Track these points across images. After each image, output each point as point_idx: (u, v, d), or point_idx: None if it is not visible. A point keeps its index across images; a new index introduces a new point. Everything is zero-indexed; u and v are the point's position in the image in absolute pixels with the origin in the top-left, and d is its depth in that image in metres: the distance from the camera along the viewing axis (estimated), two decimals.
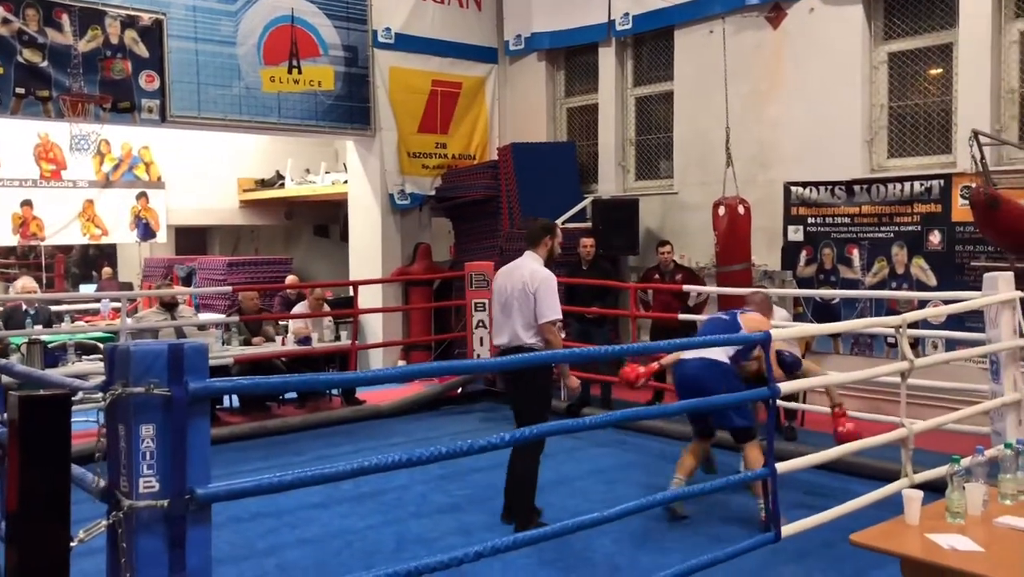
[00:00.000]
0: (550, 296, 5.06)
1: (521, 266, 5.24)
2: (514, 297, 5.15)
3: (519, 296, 5.12)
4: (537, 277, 5.10)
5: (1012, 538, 2.91)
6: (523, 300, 5.10)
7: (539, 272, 5.15)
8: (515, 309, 5.14)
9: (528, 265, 5.22)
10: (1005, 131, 7.47)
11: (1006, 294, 5.04)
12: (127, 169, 13.67)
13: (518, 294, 5.13)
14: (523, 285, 5.10)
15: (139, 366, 2.20)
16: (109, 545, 2.26)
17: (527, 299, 5.07)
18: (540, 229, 5.34)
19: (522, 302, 5.10)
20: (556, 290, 5.13)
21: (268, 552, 4.90)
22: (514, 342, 5.16)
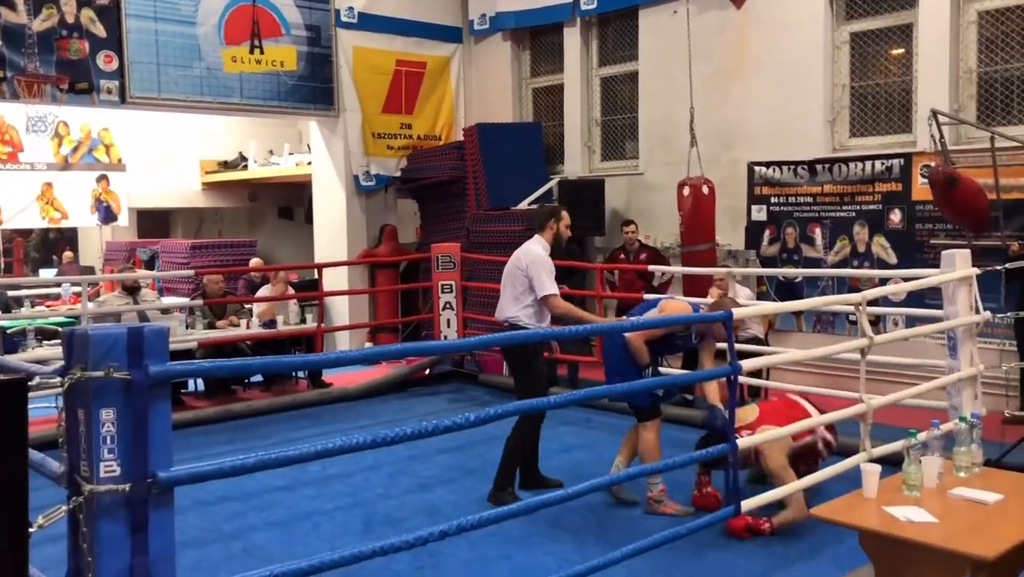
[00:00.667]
0: (541, 273, 5.28)
1: (522, 247, 5.49)
2: (508, 274, 5.45)
3: (511, 273, 5.42)
4: (529, 255, 5.36)
5: (965, 509, 2.98)
6: (513, 277, 5.38)
7: (532, 251, 5.39)
8: (506, 285, 5.45)
9: (527, 246, 5.46)
10: (963, 111, 7.58)
11: (963, 271, 5.13)
12: (87, 151, 13.44)
13: (511, 271, 5.42)
14: (516, 263, 5.40)
15: (98, 350, 2.18)
16: (70, 531, 2.25)
17: (517, 276, 5.35)
18: (545, 213, 5.56)
19: (513, 278, 5.39)
20: (549, 268, 5.34)
21: (235, 535, 4.89)
22: (500, 316, 5.50)
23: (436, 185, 10.86)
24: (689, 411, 7.24)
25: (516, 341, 5.05)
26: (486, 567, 4.40)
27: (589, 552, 4.47)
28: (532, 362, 5.39)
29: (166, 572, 2.26)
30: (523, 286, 5.36)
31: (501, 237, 9.82)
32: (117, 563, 2.18)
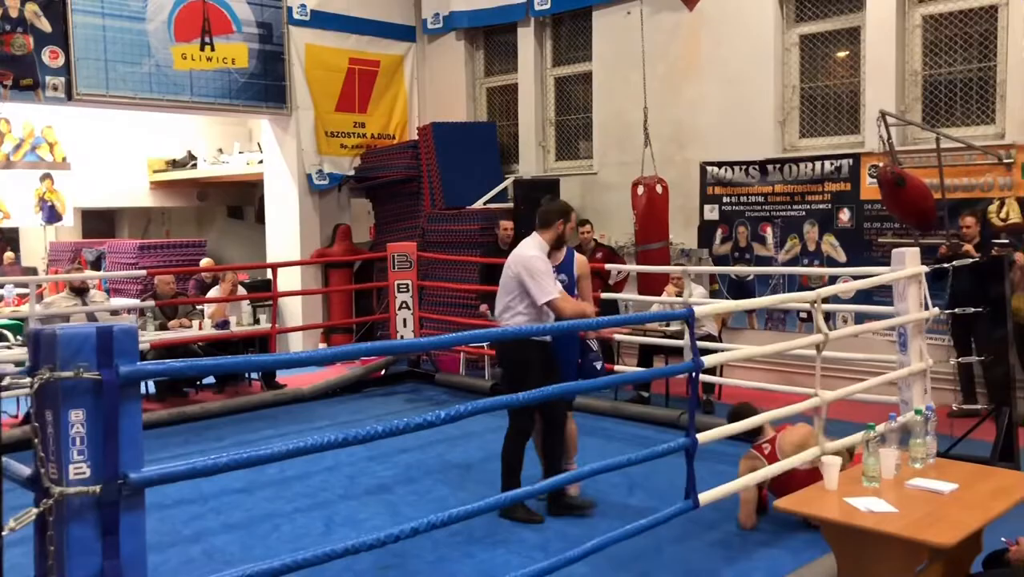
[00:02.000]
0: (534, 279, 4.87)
1: (518, 251, 5.12)
2: (503, 281, 5.10)
3: (507, 280, 5.05)
4: (520, 260, 4.97)
5: (923, 498, 3.07)
6: (510, 285, 5.02)
7: (523, 255, 5.00)
8: (502, 292, 5.09)
9: (522, 248, 5.10)
10: (909, 112, 7.77)
11: (913, 268, 5.26)
12: (29, 149, 13.10)
13: (507, 278, 5.06)
14: (512, 269, 5.01)
15: (67, 349, 2.14)
16: (37, 534, 2.20)
17: (508, 283, 5.03)
18: (555, 212, 5.14)
19: (507, 283, 5.05)
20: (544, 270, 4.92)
21: (194, 539, 4.82)
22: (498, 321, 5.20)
23: (390, 184, 10.83)
24: (645, 408, 7.32)
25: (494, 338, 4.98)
26: (450, 567, 4.40)
27: (552, 548, 4.51)
28: (527, 376, 4.72)
29: (137, 575, 2.23)
30: (513, 293, 4.98)
31: (456, 236, 9.84)
32: (88, 567, 2.15)
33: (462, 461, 6.25)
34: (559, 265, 5.23)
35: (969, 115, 7.58)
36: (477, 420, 6.96)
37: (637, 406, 7.39)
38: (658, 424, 6.98)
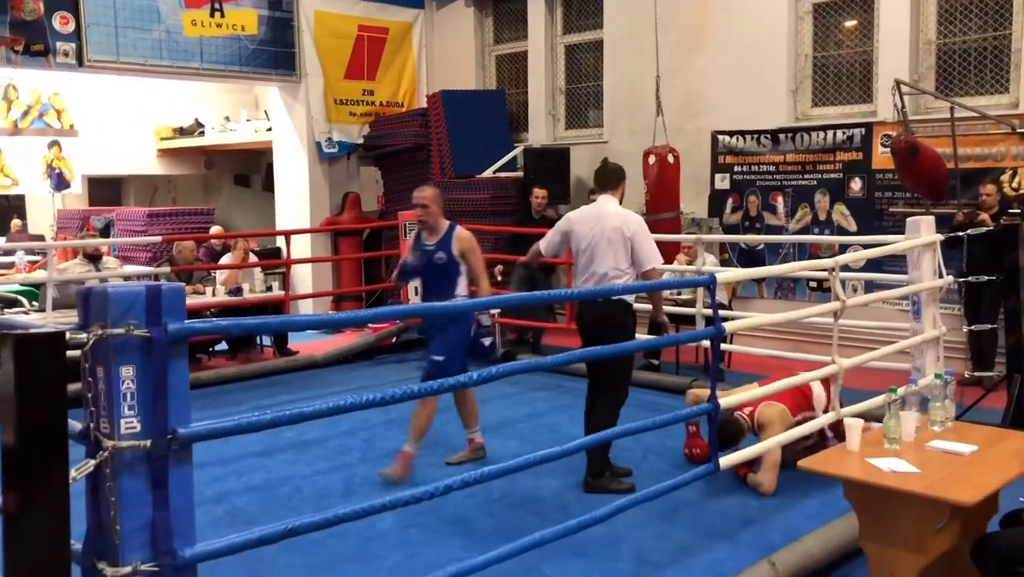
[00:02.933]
0: (649, 241, 4.83)
1: (607, 211, 4.91)
2: (604, 242, 4.84)
3: (611, 241, 4.82)
4: (632, 222, 4.85)
5: (944, 460, 3.13)
6: (616, 245, 4.81)
7: (633, 217, 4.91)
8: (604, 255, 4.84)
9: (617, 209, 4.92)
10: (922, 81, 7.76)
11: (928, 237, 5.30)
12: (37, 116, 13.08)
13: (609, 239, 4.82)
14: (616, 230, 4.81)
15: (117, 308, 2.18)
16: (89, 487, 2.26)
17: (622, 245, 4.81)
18: (616, 172, 5.12)
19: (615, 247, 4.82)
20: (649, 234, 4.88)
21: (217, 499, 4.90)
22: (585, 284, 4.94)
23: (399, 152, 10.82)
24: (655, 375, 7.38)
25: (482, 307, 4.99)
26: (470, 525, 4.48)
27: (570, 510, 4.58)
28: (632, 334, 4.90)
29: (186, 526, 2.29)
30: (620, 253, 4.80)
31: (466, 205, 9.84)
32: (139, 517, 2.20)
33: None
34: (437, 242, 5.14)
35: (983, 84, 7.58)
36: (487, 386, 7.06)
37: (647, 373, 7.44)
38: (668, 391, 7.04)
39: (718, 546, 4.18)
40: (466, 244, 5.22)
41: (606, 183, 5.10)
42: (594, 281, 4.93)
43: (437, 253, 5.16)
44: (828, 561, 3.79)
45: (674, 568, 3.95)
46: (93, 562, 2.22)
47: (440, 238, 5.20)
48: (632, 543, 4.22)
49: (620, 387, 5.01)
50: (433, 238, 5.21)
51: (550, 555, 3.93)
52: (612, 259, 4.84)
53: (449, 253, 5.17)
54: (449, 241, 5.19)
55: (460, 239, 5.20)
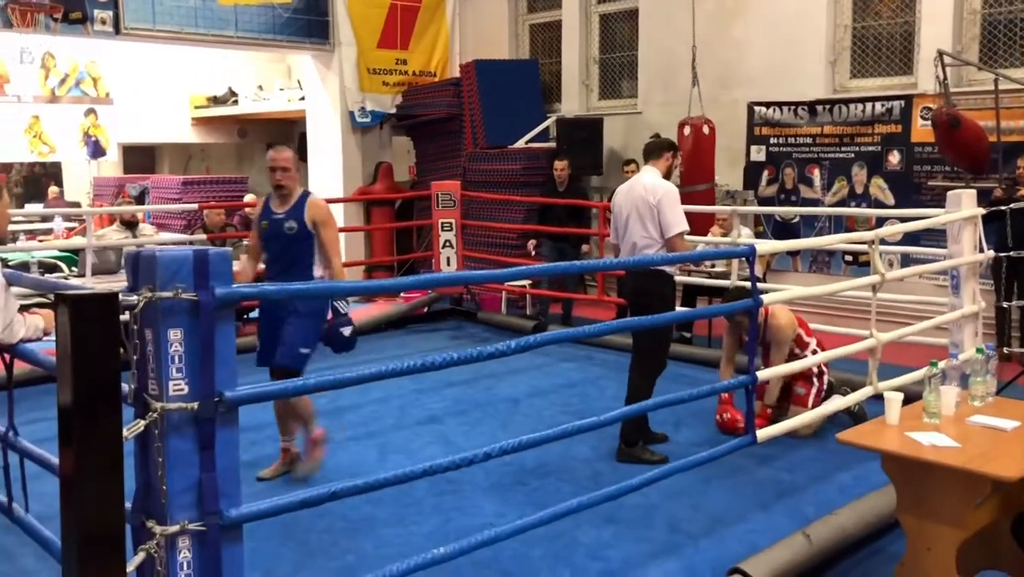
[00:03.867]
0: (673, 209, 4.79)
1: (640, 182, 4.94)
2: (632, 212, 4.87)
3: (638, 210, 4.84)
4: (659, 189, 4.83)
5: (985, 435, 3.10)
6: (643, 214, 4.82)
7: (660, 184, 4.87)
8: (634, 225, 4.86)
9: (648, 179, 4.92)
10: (966, 52, 7.61)
11: (969, 211, 5.22)
12: (74, 84, 13.20)
13: (637, 208, 4.85)
14: (642, 199, 4.83)
15: (165, 272, 2.21)
16: (138, 448, 2.31)
17: (648, 212, 4.81)
18: (664, 144, 5.12)
19: (642, 215, 4.83)
20: (679, 201, 4.87)
21: (252, 464, 4.95)
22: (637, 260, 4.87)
23: (432, 123, 10.81)
24: (688, 348, 7.36)
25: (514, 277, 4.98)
26: (504, 493, 4.52)
27: (602, 480, 4.61)
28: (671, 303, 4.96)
29: (232, 487, 2.33)
30: (650, 223, 4.81)
31: (498, 176, 9.84)
32: (186, 478, 2.24)
33: (509, 395, 6.36)
34: (288, 210, 4.60)
35: None
36: (520, 357, 7.09)
37: (681, 346, 7.42)
38: (700, 364, 7.02)
39: (752, 517, 4.18)
40: (320, 213, 4.61)
41: (648, 154, 5.12)
42: (628, 251, 4.99)
43: (287, 222, 4.58)
44: (862, 534, 3.79)
45: (707, 538, 3.97)
46: (142, 520, 2.27)
47: (291, 205, 4.62)
48: (665, 512, 4.24)
49: (657, 356, 5.02)
50: (284, 206, 4.62)
51: (583, 522, 3.97)
52: (641, 228, 4.87)
53: (301, 222, 4.58)
54: (301, 209, 4.59)
55: (313, 206, 4.61)
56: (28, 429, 3.36)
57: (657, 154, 5.07)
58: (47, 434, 2.98)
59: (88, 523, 1.88)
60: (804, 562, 3.50)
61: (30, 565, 3.75)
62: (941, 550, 2.95)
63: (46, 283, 3.08)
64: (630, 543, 3.93)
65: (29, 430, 3.37)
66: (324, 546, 3.93)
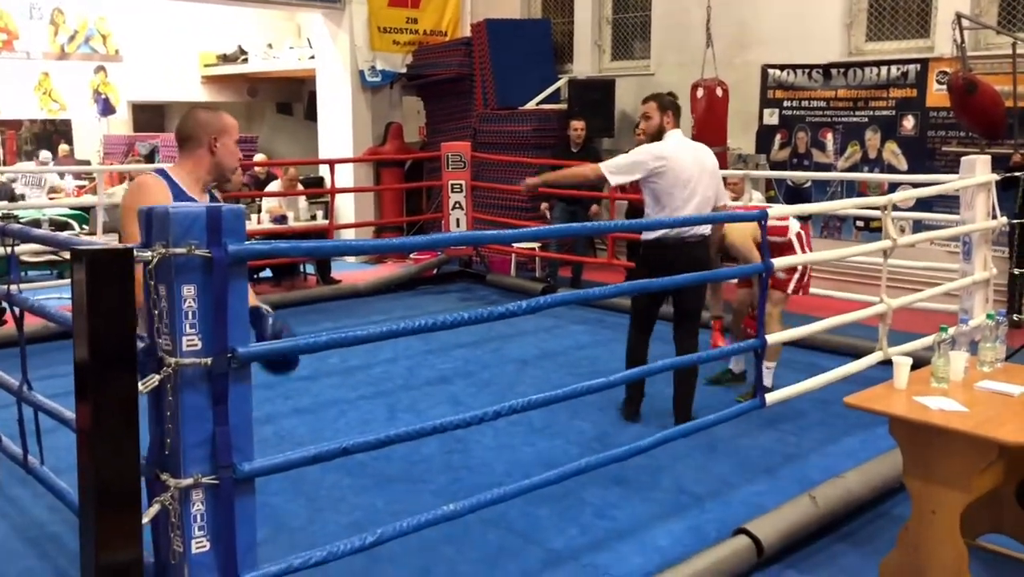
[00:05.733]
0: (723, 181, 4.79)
1: (697, 146, 4.83)
2: (706, 177, 4.70)
3: (712, 176, 4.73)
4: (712, 157, 4.78)
5: (992, 400, 3.11)
6: (711, 185, 4.72)
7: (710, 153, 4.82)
8: (707, 193, 4.71)
9: (700, 145, 4.86)
10: (984, 15, 7.51)
11: (983, 176, 5.19)
12: (83, 41, 13.14)
13: (707, 178, 4.70)
14: (715, 166, 4.77)
15: (179, 228, 2.21)
16: (151, 403, 2.33)
17: (714, 183, 4.74)
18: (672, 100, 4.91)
19: (710, 187, 4.71)
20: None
21: (265, 420, 5.01)
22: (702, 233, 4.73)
23: (442, 83, 10.73)
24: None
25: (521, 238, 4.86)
26: (512, 453, 4.56)
27: (609, 441, 4.65)
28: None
29: (244, 442, 2.36)
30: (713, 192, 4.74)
31: (509, 137, 9.79)
32: (200, 432, 2.27)
33: (518, 357, 6.39)
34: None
35: None
36: (529, 319, 7.13)
37: None
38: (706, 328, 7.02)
39: (758, 480, 4.21)
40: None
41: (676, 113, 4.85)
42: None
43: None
44: (868, 497, 3.81)
45: (713, 500, 4.00)
46: (156, 474, 2.30)
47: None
48: (672, 474, 4.27)
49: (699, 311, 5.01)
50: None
51: (590, 482, 4.00)
52: (712, 198, 4.74)
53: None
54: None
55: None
56: (42, 385, 3.40)
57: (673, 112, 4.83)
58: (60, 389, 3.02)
59: (104, 477, 1.91)
60: (809, 524, 3.53)
61: (43, 517, 3.82)
62: (946, 513, 2.97)
63: (59, 240, 3.09)
64: (637, 503, 3.97)
65: (43, 385, 3.41)
66: (333, 502, 3.98)
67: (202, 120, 2.98)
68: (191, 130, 2.96)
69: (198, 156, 2.97)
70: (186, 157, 2.99)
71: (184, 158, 2.99)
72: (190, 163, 2.97)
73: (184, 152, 3.00)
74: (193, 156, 2.97)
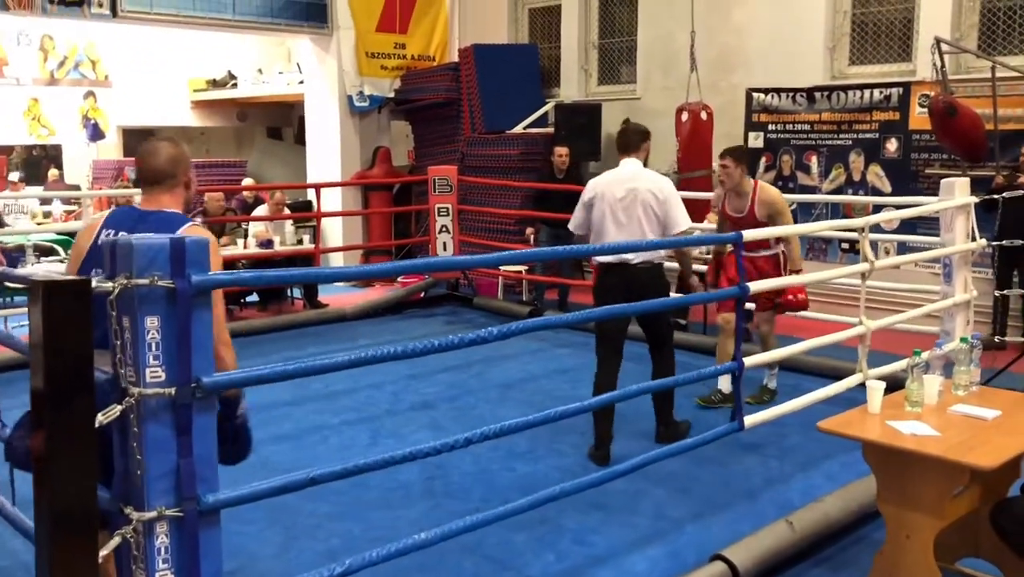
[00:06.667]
0: (680, 205, 4.77)
1: (638, 174, 4.82)
2: (639, 207, 4.72)
3: (648, 207, 4.72)
4: (666, 186, 4.80)
5: (965, 424, 3.11)
6: (650, 211, 4.72)
7: (663, 179, 4.87)
8: (641, 221, 4.73)
9: (647, 173, 4.87)
10: (964, 39, 7.57)
11: (962, 199, 5.22)
12: (73, 66, 13.19)
13: (645, 205, 4.71)
14: (651, 195, 4.72)
15: (142, 259, 2.21)
16: (117, 434, 2.32)
17: (659, 209, 4.72)
18: (640, 134, 5.00)
19: (649, 213, 4.72)
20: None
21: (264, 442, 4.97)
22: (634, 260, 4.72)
23: (430, 107, 10.78)
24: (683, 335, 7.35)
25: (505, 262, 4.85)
26: (492, 478, 4.55)
27: (590, 465, 4.64)
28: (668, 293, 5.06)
29: (209, 473, 2.34)
30: (654, 222, 4.73)
31: (496, 161, 9.83)
32: (164, 464, 2.25)
33: (502, 381, 6.39)
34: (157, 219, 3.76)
35: None
36: (514, 342, 7.13)
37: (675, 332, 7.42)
38: (695, 351, 7.03)
39: (738, 504, 4.20)
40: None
41: (628, 145, 4.93)
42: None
43: None
44: (846, 522, 3.81)
45: (693, 524, 3.99)
46: (120, 506, 2.29)
47: None
48: (652, 498, 4.26)
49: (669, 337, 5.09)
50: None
51: (569, 507, 3.99)
52: (648, 226, 4.72)
53: None
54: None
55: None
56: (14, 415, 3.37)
57: (635, 146, 4.92)
58: None
59: (60, 507, 1.89)
60: (787, 549, 3.52)
61: (18, 546, 3.78)
62: (920, 538, 2.97)
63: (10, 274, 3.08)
64: (615, 529, 3.95)
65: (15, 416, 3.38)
66: (309, 529, 3.96)
67: (176, 157, 2.96)
68: (169, 168, 2.93)
69: (176, 193, 2.95)
70: (162, 193, 2.93)
71: (160, 194, 2.93)
72: (167, 198, 2.93)
73: (161, 188, 2.93)
74: (171, 192, 2.94)
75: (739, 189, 5.49)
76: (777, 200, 5.43)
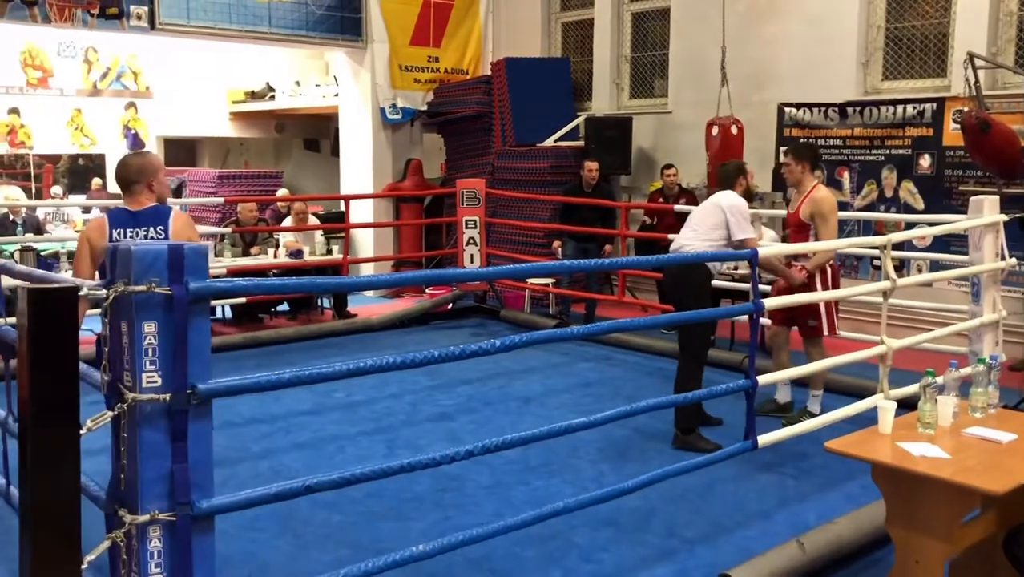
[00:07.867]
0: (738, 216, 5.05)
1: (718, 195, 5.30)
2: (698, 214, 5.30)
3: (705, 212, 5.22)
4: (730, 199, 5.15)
5: (977, 446, 3.04)
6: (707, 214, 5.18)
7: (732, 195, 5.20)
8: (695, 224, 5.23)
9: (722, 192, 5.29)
10: (1001, 54, 7.44)
11: (990, 217, 5.11)
12: (115, 78, 13.46)
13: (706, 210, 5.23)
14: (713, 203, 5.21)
15: (140, 265, 2.25)
16: (113, 439, 2.35)
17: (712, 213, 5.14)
18: (734, 170, 5.40)
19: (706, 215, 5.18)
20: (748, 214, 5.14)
21: (262, 455, 5.04)
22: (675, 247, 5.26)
23: (462, 120, 10.83)
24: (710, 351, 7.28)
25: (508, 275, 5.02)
26: (506, 492, 4.52)
27: (606, 481, 4.60)
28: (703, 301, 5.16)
29: (204, 479, 2.37)
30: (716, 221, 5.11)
31: (526, 174, 9.84)
32: (158, 469, 2.28)
33: (522, 394, 6.37)
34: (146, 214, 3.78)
35: None
36: (537, 356, 7.12)
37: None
38: (720, 367, 6.95)
39: (751, 524, 4.14)
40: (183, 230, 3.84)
41: (721, 184, 5.37)
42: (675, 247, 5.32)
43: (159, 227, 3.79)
44: (859, 544, 3.73)
45: (704, 544, 3.93)
46: (115, 509, 2.31)
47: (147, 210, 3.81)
48: (664, 516, 4.21)
49: (693, 346, 5.16)
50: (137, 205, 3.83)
51: (580, 523, 3.96)
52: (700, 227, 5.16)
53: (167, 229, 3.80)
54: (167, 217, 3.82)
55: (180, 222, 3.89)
56: None
57: (729, 183, 5.31)
58: None
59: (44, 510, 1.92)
60: (796, 570, 3.46)
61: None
62: (929, 564, 2.90)
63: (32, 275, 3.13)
64: (625, 546, 3.91)
65: None
66: (319, 539, 3.97)
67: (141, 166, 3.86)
68: (136, 175, 3.81)
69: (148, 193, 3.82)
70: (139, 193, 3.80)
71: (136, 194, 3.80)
72: (144, 197, 3.81)
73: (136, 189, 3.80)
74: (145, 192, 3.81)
75: (800, 187, 5.67)
76: (822, 202, 5.43)
